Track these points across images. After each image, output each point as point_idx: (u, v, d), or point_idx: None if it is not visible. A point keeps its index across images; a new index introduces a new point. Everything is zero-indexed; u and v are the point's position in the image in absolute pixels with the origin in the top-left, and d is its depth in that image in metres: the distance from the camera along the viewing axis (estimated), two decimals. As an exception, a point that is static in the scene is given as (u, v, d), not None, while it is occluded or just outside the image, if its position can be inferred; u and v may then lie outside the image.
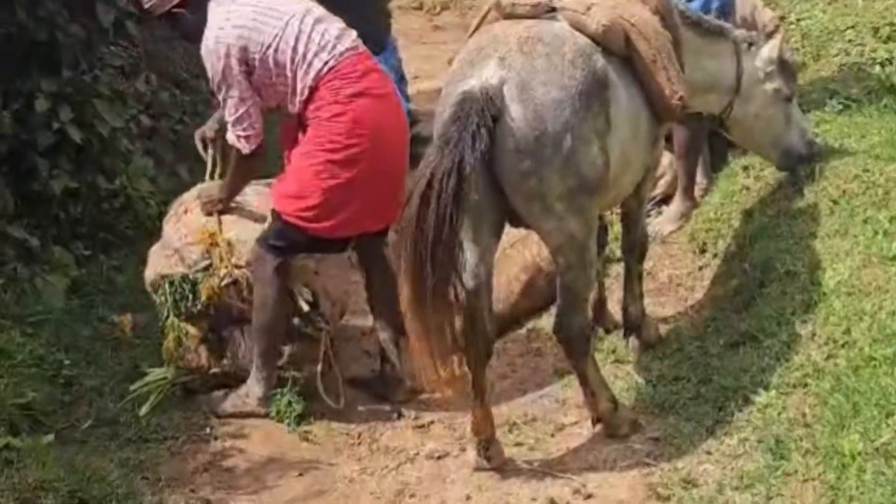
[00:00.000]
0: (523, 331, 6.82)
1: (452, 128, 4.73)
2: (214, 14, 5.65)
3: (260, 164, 5.94)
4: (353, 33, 5.78)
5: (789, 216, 6.55)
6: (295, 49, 5.55)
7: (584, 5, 5.22)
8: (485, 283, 5.19)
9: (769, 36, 6.57)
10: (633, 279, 6.23)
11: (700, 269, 7.05)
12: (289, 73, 5.58)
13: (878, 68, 7.59)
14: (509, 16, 5.34)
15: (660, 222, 7.60)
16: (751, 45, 6.39)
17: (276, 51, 5.55)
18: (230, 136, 5.76)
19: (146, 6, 5.80)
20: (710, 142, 7.71)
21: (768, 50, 6.42)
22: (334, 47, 5.61)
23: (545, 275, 6.72)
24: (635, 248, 6.22)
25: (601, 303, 6.48)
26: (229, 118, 5.69)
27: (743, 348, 5.84)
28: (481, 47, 5.11)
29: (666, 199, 7.79)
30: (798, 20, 8.88)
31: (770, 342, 5.68)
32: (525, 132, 4.81)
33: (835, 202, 6.34)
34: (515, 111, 4.82)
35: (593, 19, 5.16)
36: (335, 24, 5.74)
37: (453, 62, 5.36)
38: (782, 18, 8.60)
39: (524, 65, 4.89)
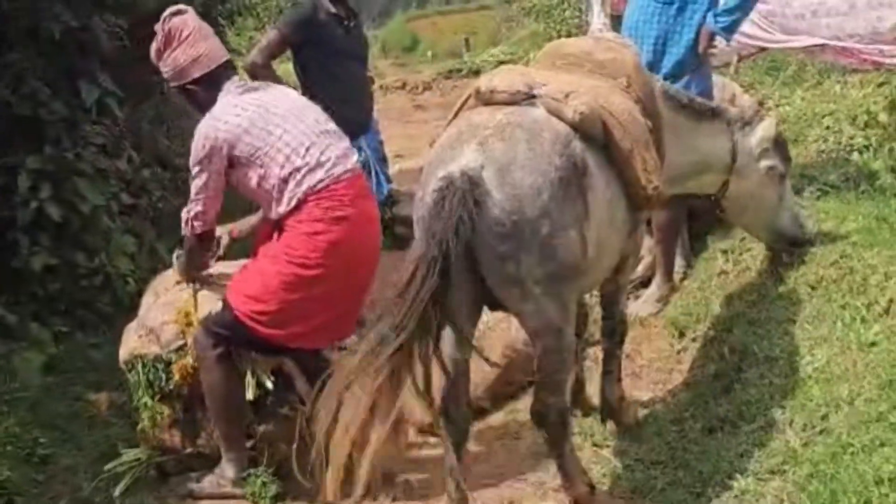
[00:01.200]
0: (501, 414, 6.79)
1: (435, 214, 4.70)
2: (222, 100, 5.66)
3: (204, 247, 5.93)
4: (354, 155, 5.79)
5: (768, 301, 6.57)
6: (289, 158, 5.51)
7: (563, 93, 5.23)
8: (462, 367, 5.17)
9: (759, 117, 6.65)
10: (611, 363, 6.23)
11: (678, 352, 7.08)
12: (276, 181, 5.52)
13: (855, 155, 7.66)
14: (488, 102, 5.36)
15: (639, 305, 7.63)
16: (745, 124, 6.45)
17: (267, 156, 5.51)
18: (183, 212, 5.74)
19: (165, 76, 5.81)
20: (690, 226, 7.75)
21: (763, 129, 6.50)
22: (334, 166, 5.56)
23: (523, 358, 6.70)
24: (615, 331, 6.22)
25: (579, 386, 6.46)
26: (191, 196, 5.66)
27: (721, 433, 5.82)
28: (461, 132, 5.10)
29: (645, 282, 7.83)
30: (777, 106, 8.96)
31: (748, 428, 5.67)
32: (503, 217, 4.78)
33: (813, 288, 6.37)
34: (494, 195, 4.79)
35: (571, 107, 5.16)
36: (340, 144, 5.72)
37: (433, 147, 5.36)
38: (761, 104, 8.69)
39: (503, 150, 4.88)
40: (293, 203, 5.53)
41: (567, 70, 5.69)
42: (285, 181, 5.51)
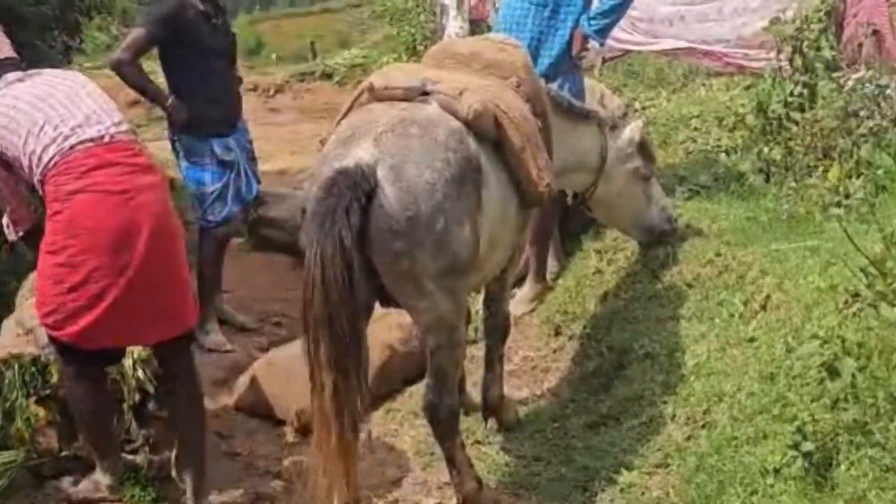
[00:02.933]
0: (380, 411, 6.73)
1: (325, 204, 4.69)
2: None
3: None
4: (105, 122, 5.26)
5: (645, 299, 6.68)
6: (26, 142, 5.14)
7: (457, 90, 5.25)
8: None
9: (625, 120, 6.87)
10: (493, 361, 6.25)
11: (555, 351, 7.11)
12: (26, 170, 5.19)
13: (723, 156, 7.79)
14: (382, 98, 5.34)
15: (512, 305, 7.62)
16: (613, 127, 6.61)
17: (18, 150, 5.16)
18: (3, 221, 5.54)
19: None
20: (562, 225, 7.81)
21: (630, 132, 6.72)
22: (66, 139, 5.13)
23: (400, 356, 6.75)
24: (498, 330, 6.25)
25: (461, 384, 6.45)
26: None
27: (604, 429, 5.89)
28: (355, 127, 5.08)
29: (518, 282, 7.85)
30: (644, 108, 9.08)
31: (631, 423, 5.75)
32: (397, 213, 4.77)
33: (690, 286, 6.49)
34: (388, 192, 4.78)
35: (464, 104, 5.19)
36: (79, 113, 5.25)
37: (325, 143, 5.27)
38: (629, 106, 8.77)
39: (398, 146, 4.88)
40: (40, 189, 5.18)
41: (456, 69, 5.71)
42: (31, 168, 5.16)
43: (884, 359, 4.43)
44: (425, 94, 5.26)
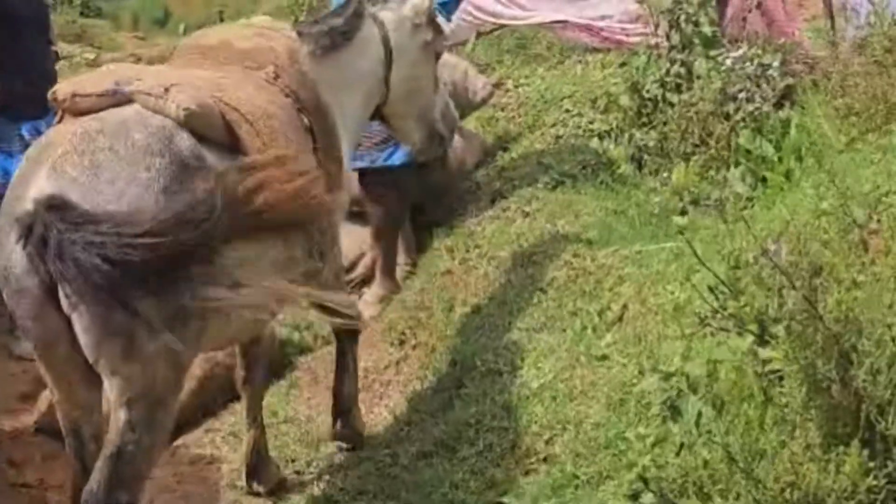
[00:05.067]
0: (199, 431, 6.09)
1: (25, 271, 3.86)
2: None
3: None
4: None
5: (494, 306, 6.18)
6: None
7: (163, 87, 4.33)
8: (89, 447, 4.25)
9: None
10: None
11: (398, 362, 6.48)
12: None
13: (595, 141, 7.15)
14: (75, 112, 4.41)
15: (359, 307, 6.96)
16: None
17: None
18: None
19: None
20: (414, 220, 7.29)
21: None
22: None
23: (223, 368, 6.13)
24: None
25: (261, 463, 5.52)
26: None
27: (437, 458, 5.31)
28: (38, 154, 4.19)
29: (366, 282, 7.17)
30: (516, 87, 8.47)
31: (466, 452, 5.21)
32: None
33: (543, 291, 6.01)
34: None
35: (173, 103, 4.26)
36: None
37: None
38: (498, 85, 8.18)
39: (83, 167, 3.97)
40: None
41: (198, 63, 4.94)
42: None
43: (734, 396, 3.76)
44: (125, 98, 4.34)
